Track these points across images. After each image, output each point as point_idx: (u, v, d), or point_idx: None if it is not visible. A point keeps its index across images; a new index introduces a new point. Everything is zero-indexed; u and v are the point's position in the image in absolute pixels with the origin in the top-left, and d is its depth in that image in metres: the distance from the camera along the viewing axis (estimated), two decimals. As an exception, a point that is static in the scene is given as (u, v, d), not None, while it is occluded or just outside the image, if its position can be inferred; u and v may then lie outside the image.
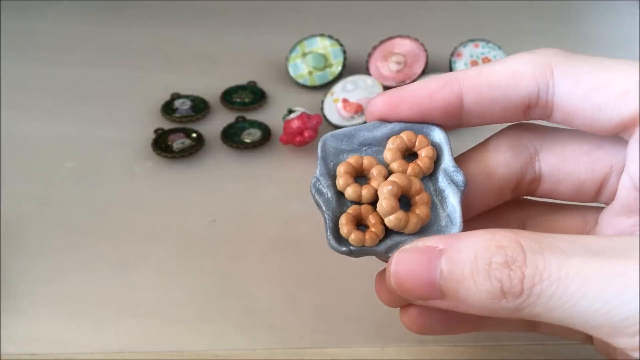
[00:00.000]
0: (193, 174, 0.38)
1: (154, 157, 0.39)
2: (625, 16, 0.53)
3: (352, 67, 0.45)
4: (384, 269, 0.23)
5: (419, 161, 0.23)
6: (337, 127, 0.40)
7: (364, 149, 0.24)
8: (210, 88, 0.44)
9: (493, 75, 0.23)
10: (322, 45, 0.45)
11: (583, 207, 0.26)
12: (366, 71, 0.44)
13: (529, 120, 0.25)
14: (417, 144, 0.24)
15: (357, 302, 0.31)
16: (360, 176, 0.24)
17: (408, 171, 0.23)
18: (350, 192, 0.23)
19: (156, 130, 0.41)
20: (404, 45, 0.44)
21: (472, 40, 0.45)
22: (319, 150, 0.24)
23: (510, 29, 0.50)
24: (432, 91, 0.24)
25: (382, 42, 0.45)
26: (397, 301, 0.24)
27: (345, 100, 0.41)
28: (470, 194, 0.24)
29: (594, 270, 0.19)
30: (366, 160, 0.23)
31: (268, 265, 0.33)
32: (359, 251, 0.22)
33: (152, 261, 0.33)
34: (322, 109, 0.42)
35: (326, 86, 0.44)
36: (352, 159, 0.23)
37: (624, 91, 0.22)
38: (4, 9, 0.52)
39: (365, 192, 0.23)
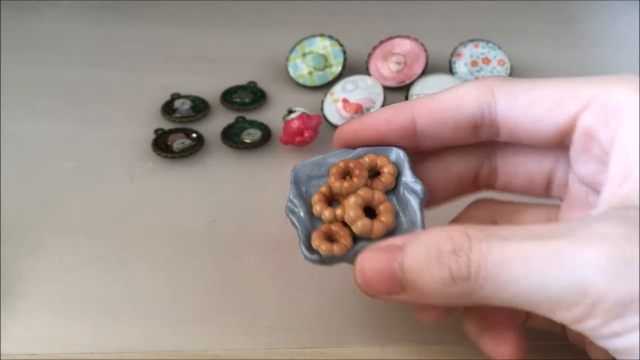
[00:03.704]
0: (193, 174, 0.38)
1: (154, 157, 0.39)
2: (625, 16, 0.53)
3: (352, 68, 0.45)
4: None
5: (381, 177, 0.26)
6: (337, 127, 0.40)
7: None
8: (210, 88, 0.44)
9: (441, 100, 0.26)
10: (322, 45, 0.45)
11: (547, 205, 0.28)
12: (366, 71, 0.44)
13: (479, 140, 0.27)
14: (378, 163, 0.27)
15: (357, 302, 0.31)
16: (333, 200, 0.27)
17: (372, 186, 0.26)
18: (327, 215, 0.26)
19: (156, 131, 0.41)
20: (404, 46, 0.44)
21: (472, 41, 0.45)
22: (292, 177, 0.27)
23: (510, 29, 0.50)
24: (388, 116, 0.27)
25: (382, 42, 0.45)
26: (437, 315, 0.25)
27: (345, 101, 0.41)
28: (433, 185, 0.27)
29: (532, 251, 0.21)
30: (337, 189, 0.26)
31: (268, 265, 0.33)
32: (330, 258, 0.25)
33: (152, 261, 0.33)
34: (322, 109, 0.42)
35: (326, 86, 0.44)
36: (324, 188, 0.27)
37: (557, 102, 0.24)
38: (4, 9, 0.52)
39: (339, 212, 0.26)
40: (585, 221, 0.21)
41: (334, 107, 0.41)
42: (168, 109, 0.42)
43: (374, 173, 0.27)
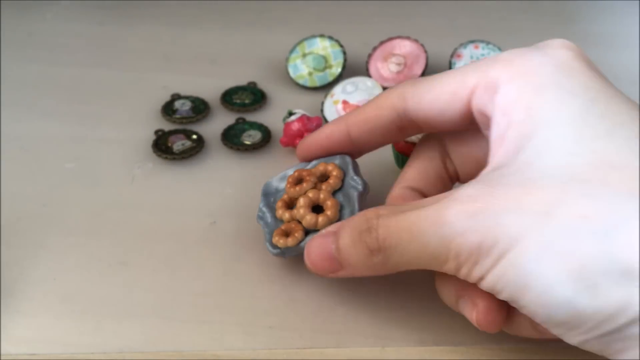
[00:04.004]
0: (193, 176, 0.38)
1: (154, 159, 0.39)
2: (625, 16, 0.53)
3: (352, 68, 0.45)
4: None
5: (329, 180, 0.32)
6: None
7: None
8: (210, 89, 0.44)
9: (365, 112, 0.31)
10: (322, 46, 0.45)
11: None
12: (366, 72, 0.44)
13: (407, 138, 0.34)
14: (328, 169, 0.32)
15: (357, 302, 0.31)
16: (293, 205, 0.32)
17: (323, 188, 0.32)
18: (286, 216, 0.31)
19: (156, 132, 0.41)
20: (404, 47, 0.44)
21: (472, 42, 0.45)
22: (262, 190, 0.33)
23: (510, 30, 0.50)
24: (329, 132, 0.32)
25: (382, 43, 0.45)
26: (454, 296, 0.28)
27: (345, 102, 0.41)
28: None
29: (413, 220, 0.25)
30: (291, 194, 0.32)
31: (268, 265, 0.33)
32: (287, 250, 0.31)
33: (152, 261, 0.33)
34: (322, 110, 0.42)
35: (326, 87, 0.44)
36: (285, 196, 0.32)
37: (452, 93, 0.28)
38: (4, 9, 0.52)
39: (295, 212, 0.31)
40: (453, 188, 0.26)
41: (334, 109, 0.41)
42: (168, 109, 0.42)
43: (326, 178, 0.32)
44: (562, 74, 0.26)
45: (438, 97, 0.29)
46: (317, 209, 0.31)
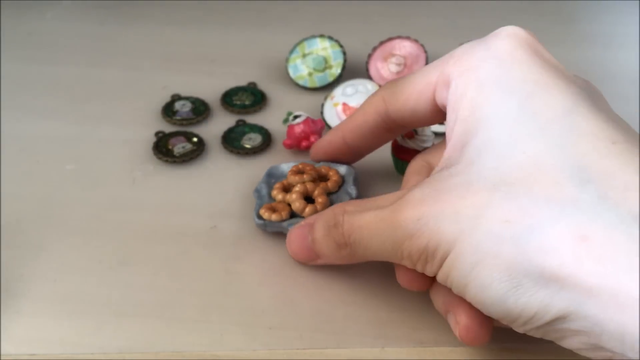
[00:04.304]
0: (194, 178, 0.38)
1: (155, 161, 0.39)
2: (625, 16, 0.53)
3: (352, 68, 0.45)
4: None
5: (328, 182, 0.35)
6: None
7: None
8: (210, 89, 0.44)
9: (355, 120, 0.33)
10: (322, 46, 0.45)
11: None
12: (366, 72, 0.44)
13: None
14: (329, 173, 0.35)
15: (357, 302, 0.31)
16: (288, 191, 0.35)
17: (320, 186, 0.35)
18: (279, 197, 0.34)
19: (157, 133, 0.41)
20: (403, 47, 0.44)
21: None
22: (268, 170, 0.36)
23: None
24: (330, 139, 0.35)
25: (382, 43, 0.45)
26: (417, 284, 0.29)
27: (345, 105, 0.41)
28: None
29: (372, 220, 0.27)
30: (290, 180, 0.35)
31: (268, 266, 0.33)
32: (269, 224, 0.33)
33: (152, 262, 0.33)
34: (322, 112, 0.42)
35: (326, 88, 0.44)
36: (285, 181, 0.35)
37: (420, 92, 0.30)
38: (4, 9, 0.52)
39: (287, 196, 0.34)
40: (408, 189, 0.27)
41: (333, 111, 0.41)
42: (168, 110, 0.42)
43: (325, 179, 0.35)
44: (501, 69, 0.27)
45: (409, 97, 0.30)
46: (308, 200, 0.34)
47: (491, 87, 0.26)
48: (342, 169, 0.36)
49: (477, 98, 0.27)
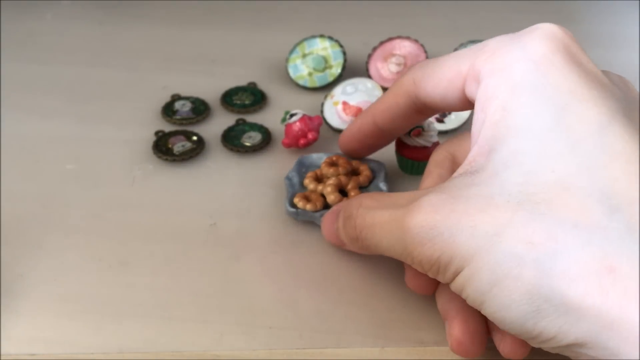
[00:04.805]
0: (193, 177, 0.38)
1: (155, 160, 0.39)
2: (625, 16, 0.53)
3: (352, 68, 0.45)
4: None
5: (360, 176, 0.36)
6: (338, 130, 0.40)
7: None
8: (210, 89, 0.44)
9: (386, 101, 0.33)
10: (322, 46, 0.45)
11: None
12: (366, 72, 0.44)
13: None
14: (360, 167, 0.36)
15: (357, 302, 0.31)
16: (321, 181, 0.36)
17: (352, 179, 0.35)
18: (311, 186, 0.35)
19: (157, 133, 0.41)
20: (404, 47, 0.44)
21: (472, 41, 0.45)
22: (299, 159, 0.37)
23: (510, 30, 0.50)
24: (359, 125, 0.34)
25: (382, 43, 0.45)
26: (424, 289, 0.29)
27: (345, 103, 0.41)
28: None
29: (384, 219, 0.27)
30: (324, 172, 0.36)
31: (268, 265, 0.33)
32: (303, 213, 0.34)
33: (152, 262, 0.33)
34: (322, 111, 0.42)
35: (326, 88, 0.44)
36: (317, 171, 0.36)
37: (449, 80, 0.29)
38: (4, 9, 0.52)
39: (320, 187, 0.35)
40: (424, 192, 0.26)
41: (334, 110, 0.41)
42: (168, 110, 0.42)
43: (356, 173, 0.36)
44: (537, 73, 0.25)
45: (439, 83, 0.29)
46: (341, 193, 0.35)
47: (525, 93, 0.25)
48: (373, 164, 0.36)
49: (510, 103, 0.25)
